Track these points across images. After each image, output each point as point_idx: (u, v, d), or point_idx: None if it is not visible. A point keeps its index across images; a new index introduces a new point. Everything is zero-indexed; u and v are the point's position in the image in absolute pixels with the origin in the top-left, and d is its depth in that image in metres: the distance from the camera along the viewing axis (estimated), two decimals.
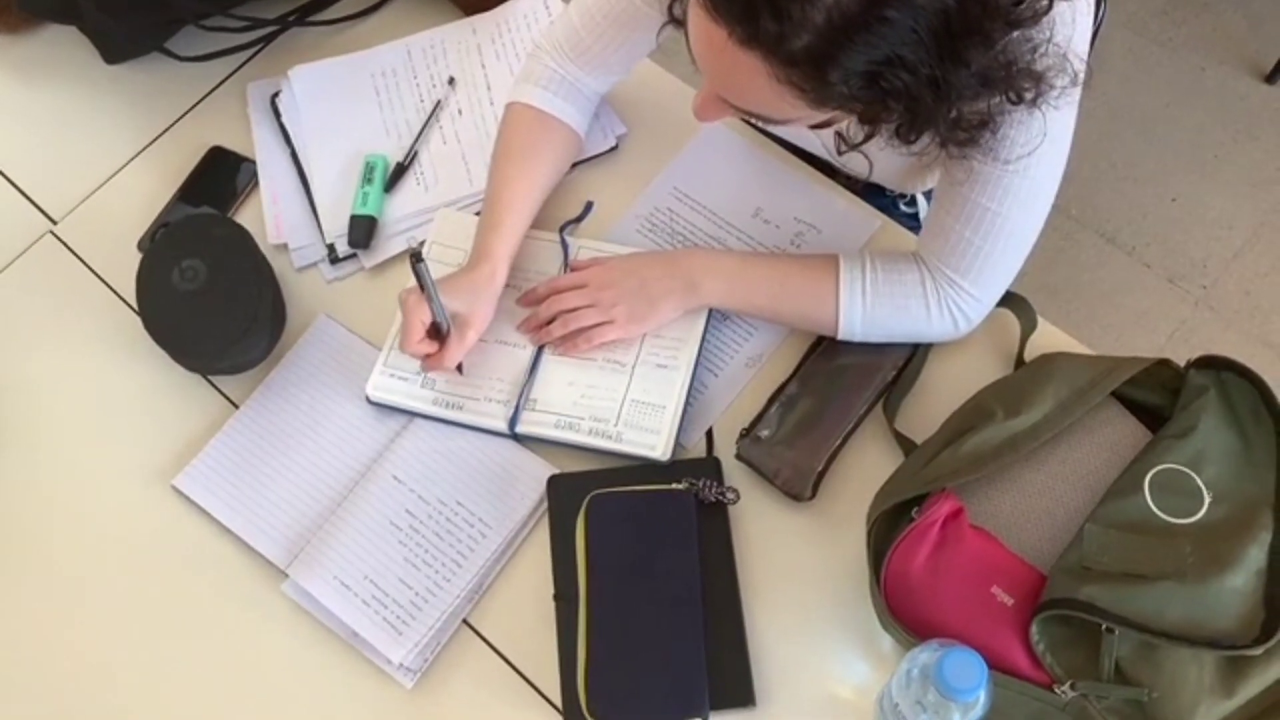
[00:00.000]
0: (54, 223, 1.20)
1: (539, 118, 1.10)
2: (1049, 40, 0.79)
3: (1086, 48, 0.88)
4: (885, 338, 1.03)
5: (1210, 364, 0.96)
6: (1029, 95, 0.80)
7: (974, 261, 0.98)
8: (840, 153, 1.00)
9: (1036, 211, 0.96)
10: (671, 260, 1.06)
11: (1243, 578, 0.84)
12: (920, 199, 1.28)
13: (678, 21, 0.92)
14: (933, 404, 1.04)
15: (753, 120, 0.87)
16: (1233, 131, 2.15)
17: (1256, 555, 0.85)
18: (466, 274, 1.04)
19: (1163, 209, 2.10)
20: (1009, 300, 1.04)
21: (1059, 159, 0.93)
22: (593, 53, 1.09)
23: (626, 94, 1.21)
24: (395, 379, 1.06)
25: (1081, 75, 0.84)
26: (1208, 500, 0.88)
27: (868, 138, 0.88)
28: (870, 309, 1.01)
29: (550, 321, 1.06)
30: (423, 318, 1.00)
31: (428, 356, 1.02)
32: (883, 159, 1.04)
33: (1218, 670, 0.84)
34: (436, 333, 1.02)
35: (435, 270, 1.11)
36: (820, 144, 1.11)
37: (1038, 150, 0.89)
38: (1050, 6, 0.77)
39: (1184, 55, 2.23)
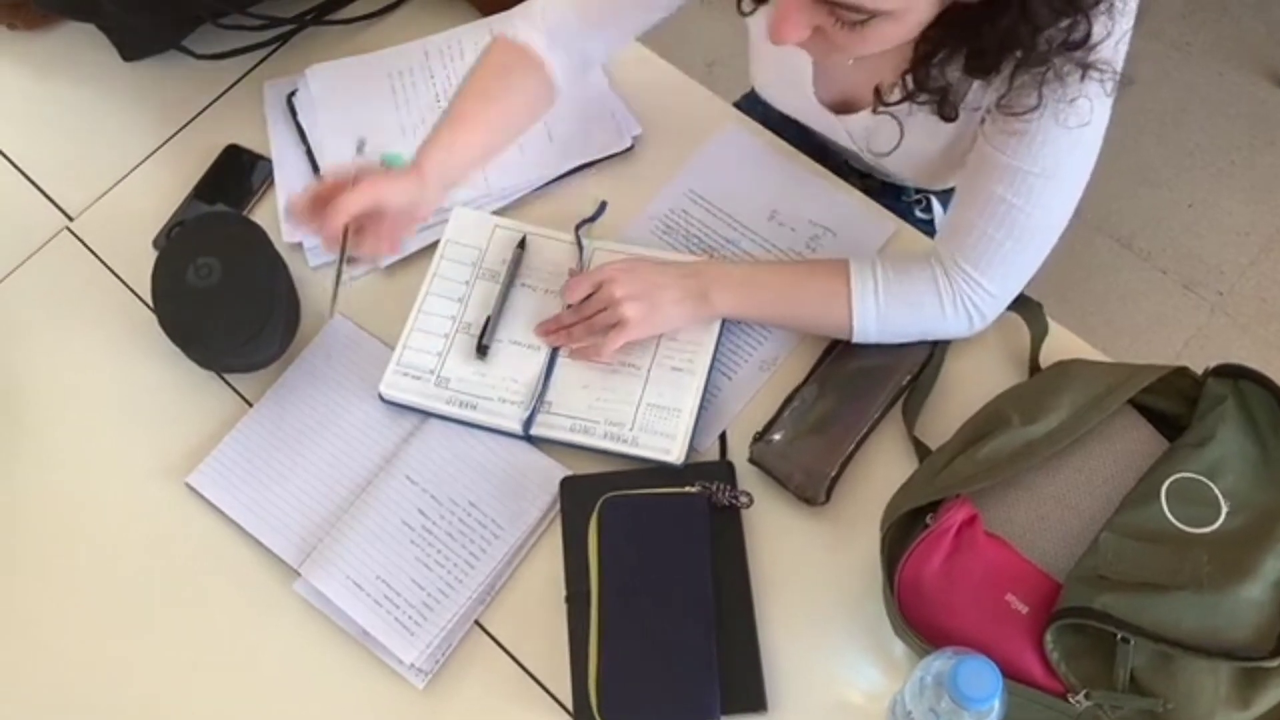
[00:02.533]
0: (70, 219, 1.20)
1: (522, 55, 1.04)
2: (1110, 12, 0.81)
3: (1120, 62, 0.88)
4: (900, 337, 1.03)
5: (1228, 372, 0.95)
6: (1083, 55, 0.81)
7: (993, 257, 0.97)
8: (876, 111, 0.99)
9: (1060, 212, 0.95)
10: (686, 271, 1.05)
11: (1260, 588, 0.83)
12: (936, 205, 1.28)
13: None
14: (948, 409, 1.03)
15: (833, 52, 0.85)
16: (1250, 137, 2.14)
17: (1274, 566, 0.84)
18: (400, 175, 0.98)
19: (1179, 214, 2.09)
20: (1020, 304, 1.04)
21: (1087, 162, 0.93)
22: (600, 6, 1.04)
23: (642, 94, 1.21)
24: (409, 377, 1.06)
25: (1112, 82, 0.86)
26: (1225, 510, 0.88)
27: (908, 95, 0.87)
28: (884, 309, 1.01)
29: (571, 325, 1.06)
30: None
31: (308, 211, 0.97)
32: (916, 136, 1.03)
33: (1233, 681, 0.83)
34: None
35: (448, 269, 1.11)
36: (846, 134, 1.10)
37: (1067, 146, 0.89)
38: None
39: (1202, 60, 2.22)
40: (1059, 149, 0.91)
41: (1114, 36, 0.84)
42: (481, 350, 1.06)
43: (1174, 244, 2.06)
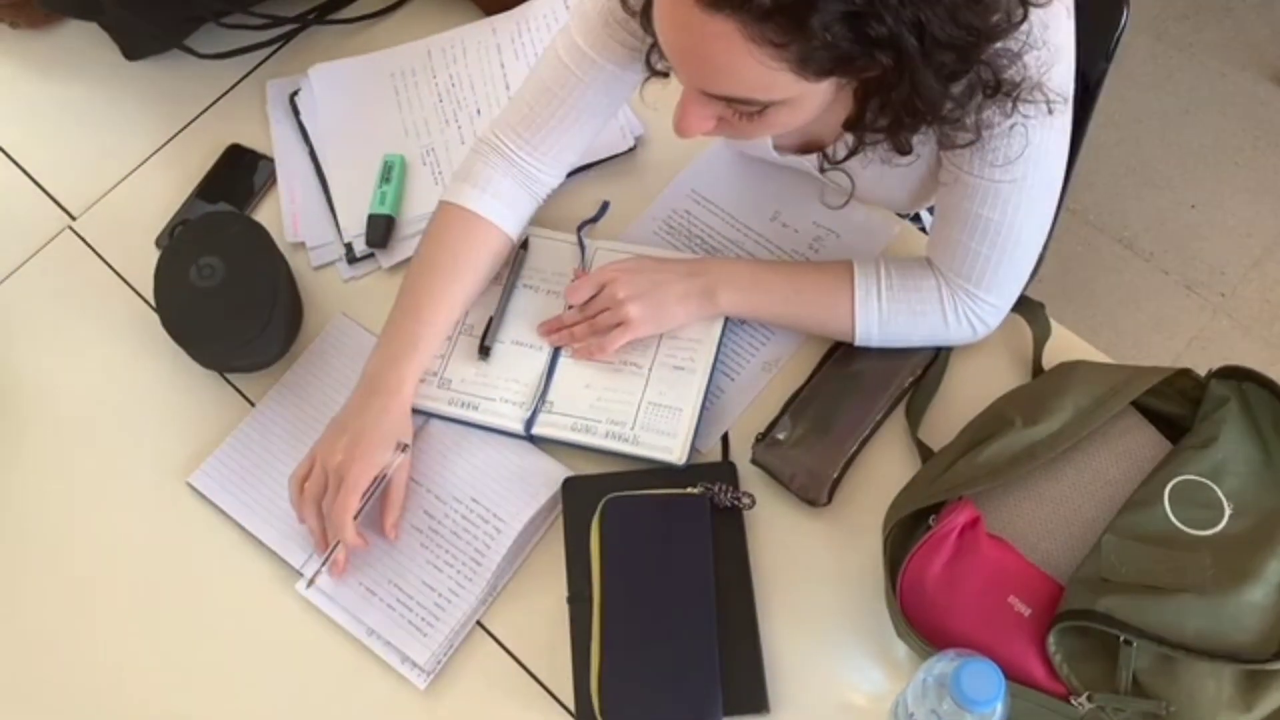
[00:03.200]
0: (73, 218, 1.20)
1: (473, 223, 1.04)
2: (1021, 53, 0.79)
3: (1070, 85, 0.87)
4: (902, 343, 1.03)
5: (1232, 374, 0.95)
6: (1007, 88, 0.80)
7: (984, 270, 0.97)
8: (823, 170, 1.00)
9: (1040, 214, 0.95)
10: (689, 269, 1.05)
11: (1263, 591, 0.83)
12: (924, 213, 1.27)
13: (657, 73, 0.92)
14: (951, 411, 1.03)
15: (741, 136, 0.85)
16: (1253, 138, 2.14)
17: (1277, 569, 0.84)
18: (381, 418, 0.98)
19: (1181, 215, 2.08)
20: (1022, 306, 1.04)
21: (1056, 163, 0.92)
22: (549, 127, 1.02)
23: (645, 95, 1.20)
24: None
25: (1058, 107, 0.85)
26: (1228, 512, 0.88)
27: (853, 150, 0.87)
28: (887, 316, 1.01)
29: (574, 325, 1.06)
30: (353, 513, 0.96)
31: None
32: (871, 180, 1.03)
33: (1236, 684, 0.83)
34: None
35: None
36: (814, 168, 1.11)
37: (1031, 157, 0.88)
38: (1025, 16, 0.77)
39: (1205, 61, 2.22)
40: (1022, 158, 0.90)
41: (1041, 68, 0.82)
42: (484, 351, 1.06)
43: (1176, 245, 2.06)
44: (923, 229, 1.27)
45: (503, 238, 1.06)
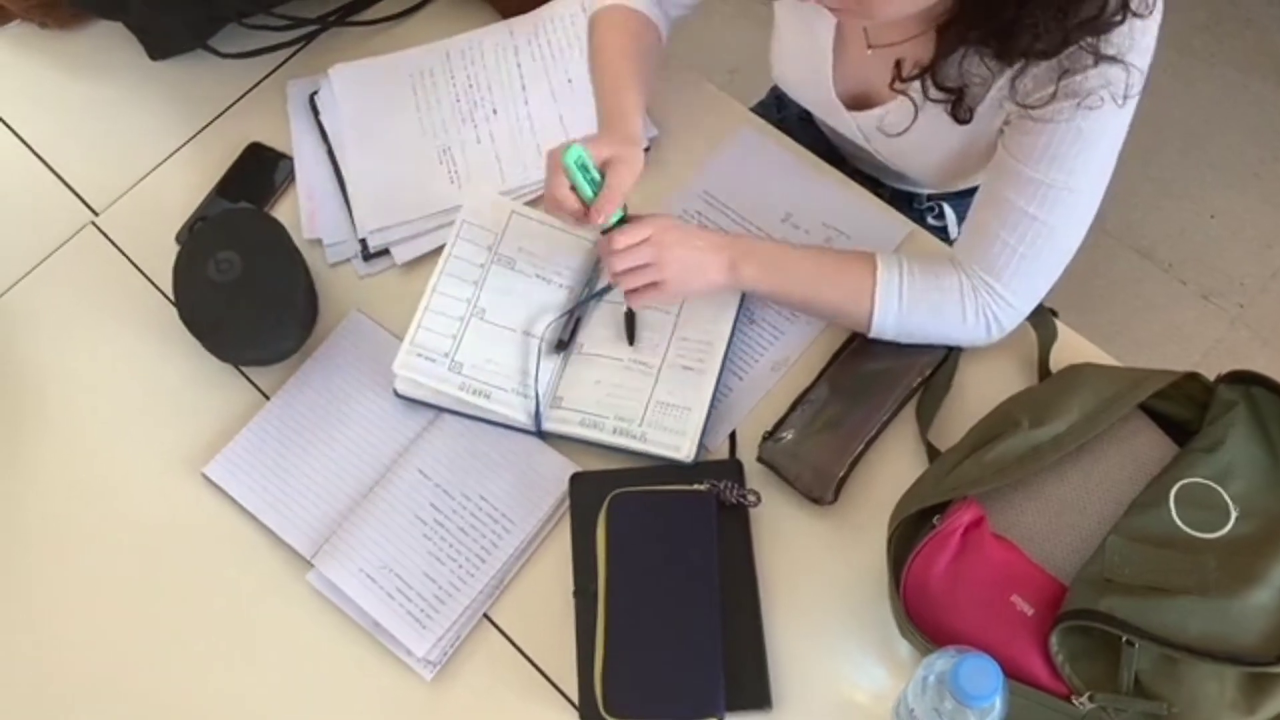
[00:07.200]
0: (95, 214, 1.22)
1: (635, 18, 1.11)
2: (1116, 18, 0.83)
3: (1141, 82, 0.90)
4: (916, 338, 1.03)
5: (1240, 378, 0.95)
6: (1094, 40, 0.83)
7: (1015, 269, 0.97)
8: (892, 87, 1.01)
9: (1079, 224, 0.96)
10: (720, 242, 1.04)
11: (1268, 594, 0.83)
12: (949, 212, 1.28)
13: None
14: (958, 412, 1.03)
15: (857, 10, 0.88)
16: (1273, 149, 2.13)
17: None
18: (614, 130, 1.02)
19: (1200, 226, 2.07)
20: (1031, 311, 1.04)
21: (1104, 174, 0.93)
22: None
23: (659, 97, 1.22)
24: (422, 359, 1.06)
25: (1134, 87, 0.88)
26: (1234, 515, 0.87)
27: (925, 70, 0.88)
28: (906, 309, 1.01)
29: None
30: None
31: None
32: (918, 135, 1.04)
33: (1239, 686, 0.83)
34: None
35: (464, 249, 1.11)
36: (858, 129, 1.11)
37: (1084, 159, 0.89)
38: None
39: (1225, 71, 2.21)
40: (1077, 161, 0.91)
41: (1132, 30, 0.85)
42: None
43: (1195, 255, 2.05)
44: (936, 230, 1.27)
45: (658, 32, 1.13)
